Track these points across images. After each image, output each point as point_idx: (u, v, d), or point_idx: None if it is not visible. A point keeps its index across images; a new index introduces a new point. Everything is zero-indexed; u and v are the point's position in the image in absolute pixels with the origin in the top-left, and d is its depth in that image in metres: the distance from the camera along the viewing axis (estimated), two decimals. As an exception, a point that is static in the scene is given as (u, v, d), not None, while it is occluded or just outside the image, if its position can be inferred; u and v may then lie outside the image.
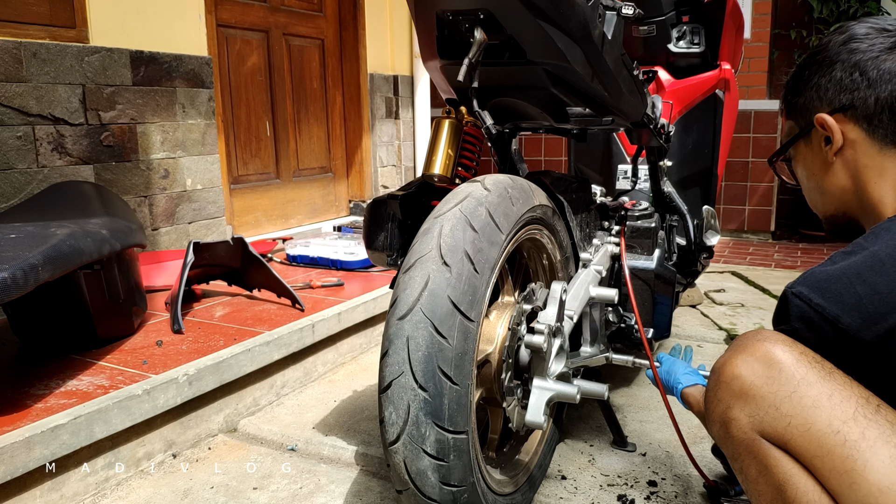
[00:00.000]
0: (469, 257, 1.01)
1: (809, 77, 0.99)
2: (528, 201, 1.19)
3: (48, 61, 2.26)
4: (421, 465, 0.98)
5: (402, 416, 0.97)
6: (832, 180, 0.99)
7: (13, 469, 1.28)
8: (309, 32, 3.63)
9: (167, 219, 2.73)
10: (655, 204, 1.94)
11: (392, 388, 0.98)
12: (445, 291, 0.98)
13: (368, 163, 3.99)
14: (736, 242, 4.25)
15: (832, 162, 0.97)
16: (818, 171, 1.01)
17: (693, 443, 1.61)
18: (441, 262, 1.00)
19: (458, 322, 0.98)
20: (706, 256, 2.08)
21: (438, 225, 1.04)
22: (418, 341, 0.97)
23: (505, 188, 1.14)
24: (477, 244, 1.03)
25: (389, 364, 0.99)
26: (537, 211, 1.24)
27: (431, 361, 0.96)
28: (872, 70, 0.92)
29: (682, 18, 2.08)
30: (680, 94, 2.10)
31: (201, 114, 2.85)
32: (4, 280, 1.31)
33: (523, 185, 1.21)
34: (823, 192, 1.01)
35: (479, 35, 1.19)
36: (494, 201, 1.09)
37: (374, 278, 2.57)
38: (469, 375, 1.00)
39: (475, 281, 1.01)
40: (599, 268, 1.53)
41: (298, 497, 1.44)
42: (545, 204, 1.29)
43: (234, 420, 1.79)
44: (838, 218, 1.02)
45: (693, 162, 2.17)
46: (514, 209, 1.13)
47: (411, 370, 0.97)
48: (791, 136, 1.04)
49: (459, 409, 0.98)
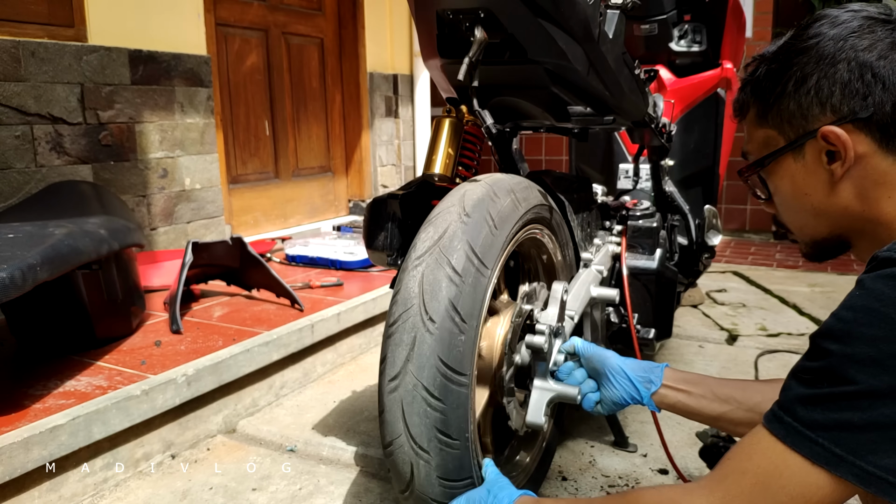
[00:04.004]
0: (491, 217, 1.04)
1: (802, 77, 0.81)
2: (528, 201, 1.19)
3: (46, 60, 2.25)
4: (418, 407, 0.97)
5: (406, 350, 0.97)
6: (833, 200, 0.83)
7: (11, 470, 1.27)
8: (308, 31, 3.62)
9: (166, 218, 2.72)
10: (657, 203, 1.94)
11: (399, 321, 0.99)
12: (464, 237, 1.01)
13: (368, 162, 3.98)
14: (737, 242, 4.24)
15: (839, 180, 0.81)
16: (814, 191, 0.84)
17: (686, 445, 1.60)
18: (463, 214, 1.03)
19: (473, 267, 1.00)
20: (708, 256, 2.07)
21: (461, 190, 1.06)
22: (433, 277, 0.99)
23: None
24: (497, 205, 1.06)
25: (400, 299, 1.00)
26: (538, 210, 1.23)
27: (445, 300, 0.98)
28: (886, 70, 0.77)
29: (683, 17, 2.07)
30: (682, 93, 2.09)
31: (200, 113, 2.84)
32: (2, 280, 1.30)
33: (524, 185, 1.20)
34: (819, 213, 0.86)
35: (479, 34, 1.19)
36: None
37: (373, 278, 2.56)
38: (477, 319, 1.01)
39: (493, 239, 1.03)
40: (601, 268, 1.52)
41: (298, 498, 1.44)
42: (546, 203, 1.28)
43: (233, 421, 1.78)
44: (830, 241, 0.88)
45: (695, 161, 2.16)
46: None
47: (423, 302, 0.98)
48: (773, 147, 0.87)
49: (465, 349, 0.99)
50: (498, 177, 1.16)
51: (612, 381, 1.10)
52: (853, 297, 0.70)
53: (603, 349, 1.15)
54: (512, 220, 1.11)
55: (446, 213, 1.05)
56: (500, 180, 1.15)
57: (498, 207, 1.09)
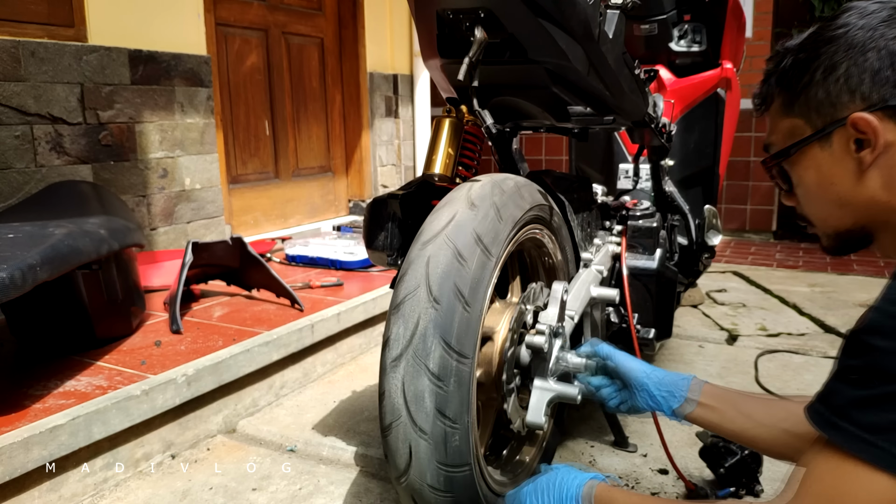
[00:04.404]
0: (496, 207, 1.06)
1: (831, 66, 0.81)
2: (529, 200, 1.19)
3: (46, 60, 2.25)
4: (420, 386, 0.98)
5: (409, 330, 0.99)
6: (860, 190, 0.82)
7: (11, 470, 1.27)
8: (308, 31, 3.62)
9: (165, 218, 2.72)
10: (657, 203, 1.94)
11: (405, 303, 1.00)
12: (471, 225, 1.04)
13: (368, 162, 3.98)
14: (737, 242, 4.24)
15: (866, 169, 0.81)
16: (840, 180, 0.84)
17: (687, 445, 1.60)
18: (469, 204, 1.05)
19: (479, 253, 1.02)
20: (708, 256, 2.07)
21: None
22: (439, 259, 1.01)
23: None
24: (502, 199, 1.08)
25: (406, 282, 1.02)
26: (538, 210, 1.23)
27: (449, 278, 1.00)
28: None
29: (683, 17, 2.07)
30: (681, 93, 2.09)
31: (200, 113, 2.84)
32: (2, 280, 1.30)
33: (524, 184, 1.20)
34: (844, 203, 0.85)
35: (479, 34, 1.19)
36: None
37: (373, 278, 2.56)
38: (482, 302, 1.03)
39: (498, 227, 1.06)
40: (601, 268, 1.52)
41: (298, 498, 1.43)
42: (546, 203, 1.28)
43: (233, 421, 1.78)
44: (853, 233, 0.87)
45: (695, 161, 2.16)
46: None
47: (428, 285, 1.00)
48: (798, 137, 0.87)
49: (468, 332, 1.00)
50: (499, 176, 1.17)
51: (635, 393, 1.14)
52: (893, 290, 0.68)
53: (629, 359, 1.18)
54: (514, 216, 1.12)
55: (453, 202, 1.08)
56: (500, 180, 1.15)
57: (502, 202, 1.10)
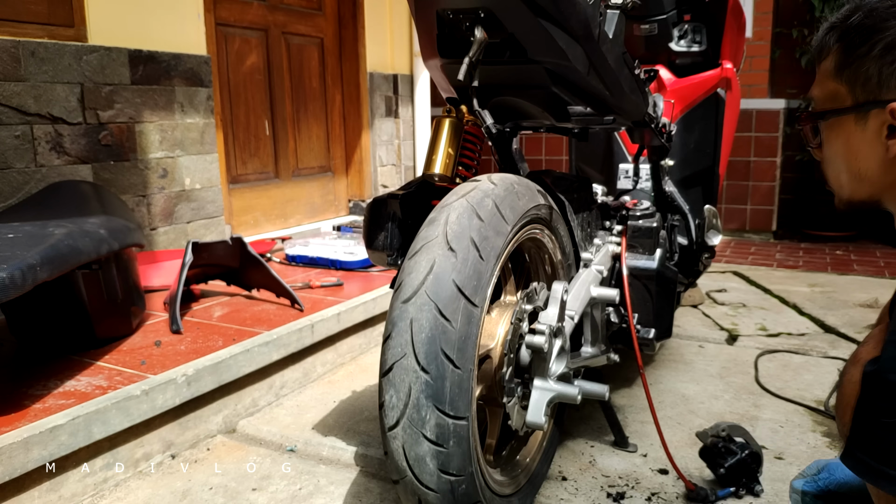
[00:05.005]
0: (475, 244, 1.04)
1: (892, 43, 0.79)
2: (530, 199, 1.19)
3: (46, 60, 2.25)
4: (420, 451, 0.98)
5: (402, 400, 0.98)
6: (882, 174, 0.84)
7: (11, 470, 1.27)
8: (308, 31, 3.62)
9: (165, 218, 2.72)
10: (657, 203, 1.94)
11: (394, 371, 0.99)
12: (450, 276, 1.01)
13: (368, 162, 3.98)
14: (737, 242, 4.24)
15: (893, 157, 0.82)
16: (865, 158, 0.85)
17: (687, 445, 1.60)
18: (447, 248, 1.03)
19: (463, 306, 1.01)
20: (708, 256, 2.07)
21: (445, 213, 1.06)
22: (422, 323, 0.99)
23: (510, 184, 1.15)
24: (483, 232, 1.06)
25: (392, 347, 1.00)
26: (539, 210, 1.24)
27: (435, 344, 0.98)
28: None
29: (683, 17, 2.07)
30: (681, 93, 2.09)
31: (200, 113, 2.84)
32: (2, 280, 1.30)
33: (525, 184, 1.20)
34: (863, 179, 0.86)
35: (479, 33, 1.19)
36: (501, 194, 1.11)
37: (373, 278, 2.56)
38: (471, 360, 1.01)
39: (480, 267, 1.03)
40: (601, 268, 1.52)
41: (298, 498, 1.43)
42: (546, 203, 1.28)
43: (232, 421, 1.78)
44: (866, 203, 0.89)
45: (695, 161, 2.16)
46: (518, 204, 1.14)
47: (414, 353, 0.98)
48: (839, 105, 0.86)
49: (461, 393, 0.99)
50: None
51: None
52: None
53: None
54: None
55: (430, 246, 1.07)
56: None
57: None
